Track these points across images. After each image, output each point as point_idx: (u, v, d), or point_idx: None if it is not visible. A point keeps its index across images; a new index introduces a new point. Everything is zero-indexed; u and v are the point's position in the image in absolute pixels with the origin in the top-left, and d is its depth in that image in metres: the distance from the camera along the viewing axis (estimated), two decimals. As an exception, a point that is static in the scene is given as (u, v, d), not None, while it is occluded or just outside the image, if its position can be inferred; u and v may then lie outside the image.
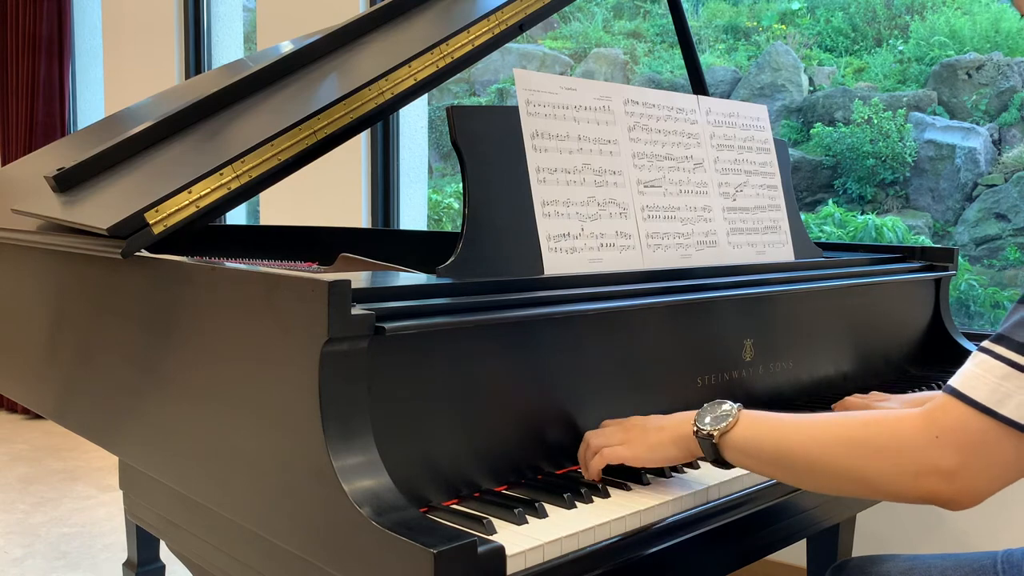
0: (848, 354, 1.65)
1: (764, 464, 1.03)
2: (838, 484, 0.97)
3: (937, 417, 0.90)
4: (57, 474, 3.59)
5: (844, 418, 0.98)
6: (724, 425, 1.05)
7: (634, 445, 1.11)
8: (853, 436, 0.95)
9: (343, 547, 0.90)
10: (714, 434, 1.05)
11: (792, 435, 1.00)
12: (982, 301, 4.51)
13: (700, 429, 1.06)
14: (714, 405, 1.08)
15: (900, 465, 0.90)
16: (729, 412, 1.06)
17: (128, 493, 1.60)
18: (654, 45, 6.45)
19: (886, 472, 0.92)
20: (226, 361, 1.10)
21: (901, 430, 0.91)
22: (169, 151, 1.51)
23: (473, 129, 1.23)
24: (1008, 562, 1.14)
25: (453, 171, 6.46)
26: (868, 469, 0.93)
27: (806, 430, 0.99)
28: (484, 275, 1.16)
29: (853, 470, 0.94)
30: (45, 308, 1.63)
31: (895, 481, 0.91)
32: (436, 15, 1.70)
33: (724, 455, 1.06)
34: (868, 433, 0.94)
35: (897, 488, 0.92)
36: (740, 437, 1.04)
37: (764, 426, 1.04)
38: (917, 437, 0.90)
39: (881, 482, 0.92)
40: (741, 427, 1.04)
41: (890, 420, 0.93)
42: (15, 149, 4.47)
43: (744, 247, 1.55)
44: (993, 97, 5.09)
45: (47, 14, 4.37)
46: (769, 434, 1.02)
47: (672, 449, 1.10)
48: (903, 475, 0.90)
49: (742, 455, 1.04)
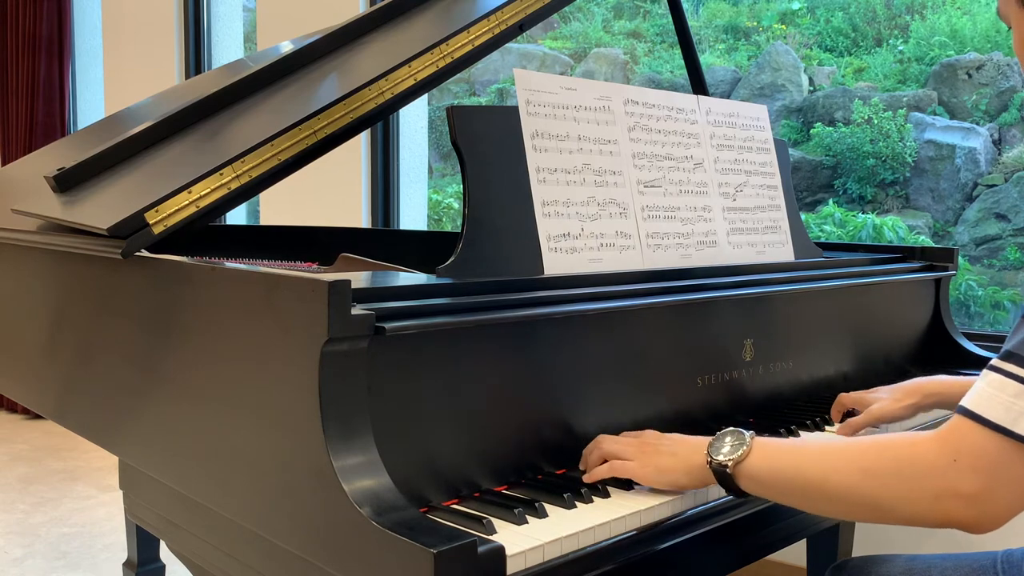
0: (848, 354, 1.65)
1: (780, 494, 1.02)
2: (857, 511, 0.97)
3: (954, 440, 0.88)
4: (57, 474, 3.59)
5: (859, 444, 0.97)
6: (738, 455, 1.03)
7: (645, 465, 1.09)
8: (870, 464, 0.93)
9: (343, 547, 0.90)
10: (728, 464, 1.04)
11: (808, 464, 0.99)
12: (982, 301, 4.51)
13: (713, 459, 1.05)
14: (726, 434, 1.07)
15: (919, 490, 0.89)
16: (742, 442, 1.04)
17: (128, 493, 1.60)
18: (654, 45, 6.45)
19: (905, 498, 0.90)
20: (226, 361, 1.10)
21: (918, 455, 0.90)
22: (169, 151, 1.51)
23: (473, 129, 1.23)
24: (1008, 562, 1.14)
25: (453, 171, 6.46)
26: (886, 496, 0.92)
27: (822, 459, 0.98)
28: (484, 275, 1.16)
29: (872, 498, 0.93)
30: (45, 308, 1.63)
31: (914, 507, 0.90)
32: (436, 15, 1.70)
33: (739, 484, 1.04)
34: (884, 460, 0.92)
35: (917, 513, 0.91)
36: (755, 467, 1.02)
37: (778, 455, 1.02)
38: (935, 461, 0.89)
39: (900, 508, 0.91)
40: (755, 457, 1.03)
41: (905, 445, 0.92)
42: (15, 149, 4.47)
43: (744, 247, 1.55)
44: (993, 97, 5.09)
45: (47, 14, 4.37)
46: (784, 464, 1.01)
47: (683, 477, 1.08)
48: (922, 500, 0.89)
49: (757, 485, 1.03)
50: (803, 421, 1.39)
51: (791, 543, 1.37)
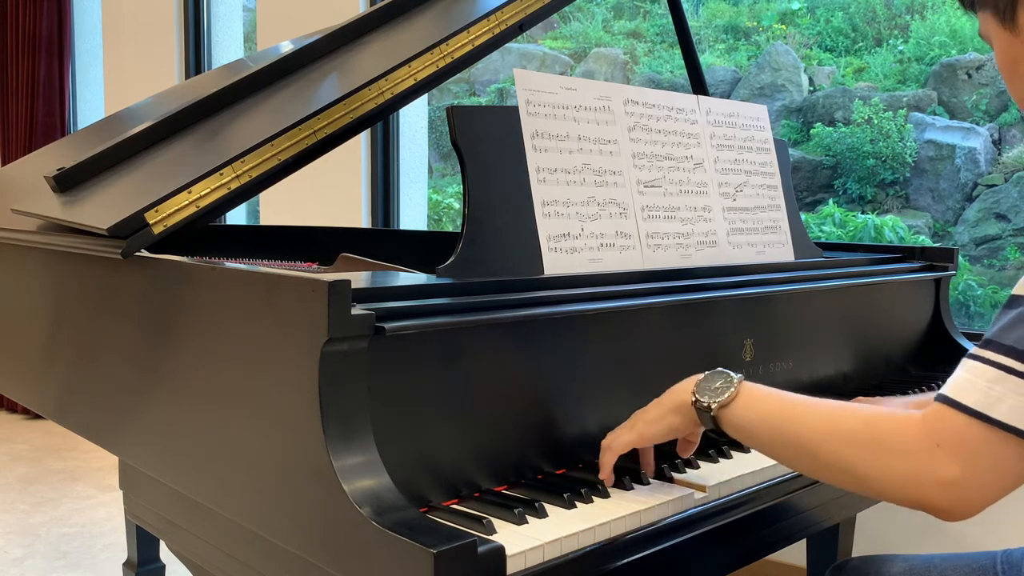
0: (848, 354, 1.65)
1: (761, 444, 1.02)
2: (833, 476, 0.96)
3: (935, 425, 0.88)
4: (57, 474, 3.59)
5: (847, 411, 0.96)
6: (723, 398, 1.03)
7: (635, 425, 1.11)
8: (855, 432, 0.93)
9: (343, 547, 0.90)
10: (712, 406, 1.04)
11: (792, 421, 0.98)
12: (982, 301, 4.51)
13: (699, 400, 1.05)
14: (715, 375, 1.07)
15: (900, 469, 0.89)
16: (729, 385, 1.04)
17: (128, 493, 1.60)
18: (654, 45, 6.45)
19: (885, 473, 0.91)
20: (226, 361, 1.10)
21: (903, 434, 0.90)
22: (169, 151, 1.51)
23: (473, 129, 1.23)
24: (1008, 562, 1.14)
25: (453, 171, 6.46)
26: (867, 467, 0.92)
27: (807, 417, 0.98)
28: (484, 275, 1.16)
29: (851, 466, 0.93)
30: (45, 308, 1.63)
31: (893, 484, 0.90)
32: (436, 15, 1.70)
33: (722, 427, 1.05)
34: (870, 432, 0.92)
35: (893, 491, 0.91)
36: (739, 414, 1.03)
37: (764, 406, 1.02)
38: (919, 443, 0.89)
39: (878, 482, 0.91)
40: (741, 403, 1.03)
41: (893, 421, 0.92)
42: (15, 149, 4.47)
43: (744, 247, 1.55)
44: (993, 97, 5.09)
45: (47, 14, 4.37)
46: (769, 415, 1.01)
47: (673, 417, 1.09)
48: (902, 479, 0.89)
49: (739, 432, 1.03)
50: (803, 421, 1.38)
51: (791, 543, 1.36)
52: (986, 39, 1.01)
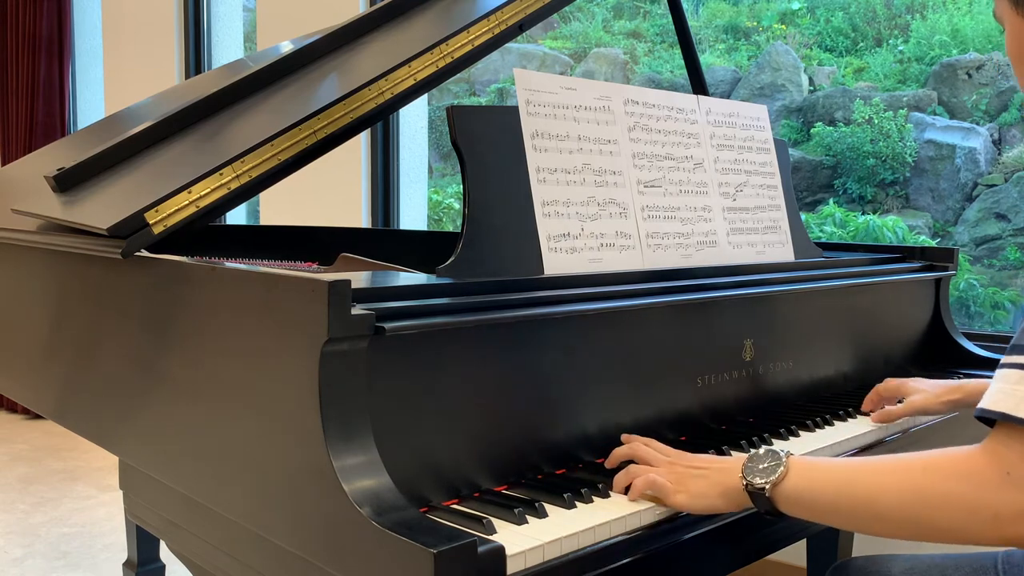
0: (848, 354, 1.65)
1: (823, 514, 0.99)
2: (911, 533, 0.92)
3: (1001, 451, 0.84)
4: (57, 474, 3.59)
5: (901, 464, 0.93)
6: (775, 477, 1.00)
7: (679, 490, 1.05)
8: (916, 486, 0.89)
9: (343, 547, 0.90)
10: (766, 487, 1.00)
11: (853, 484, 0.95)
12: (982, 301, 4.51)
13: (751, 483, 1.01)
14: (761, 455, 1.03)
15: (975, 512, 0.85)
16: (778, 462, 1.01)
17: (128, 493, 1.60)
18: (654, 45, 6.45)
19: (961, 521, 0.86)
20: (226, 361, 1.10)
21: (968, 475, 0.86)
22: (169, 151, 1.51)
23: (473, 129, 1.23)
24: (1008, 562, 1.14)
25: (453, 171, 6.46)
26: (941, 521, 0.88)
27: (868, 477, 0.94)
28: (484, 275, 1.16)
29: (924, 521, 0.89)
30: (45, 308, 1.63)
31: (973, 530, 0.86)
32: (436, 15, 1.70)
33: (778, 507, 1.01)
34: (930, 481, 0.88)
35: (979, 536, 0.86)
36: (795, 488, 0.99)
37: (818, 475, 0.99)
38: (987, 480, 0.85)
39: (959, 532, 0.87)
40: (794, 477, 0.99)
41: (950, 464, 0.88)
42: (15, 149, 4.47)
43: (744, 247, 1.55)
44: (993, 97, 5.09)
45: (47, 14, 4.37)
46: (826, 484, 0.98)
47: (718, 501, 1.04)
48: (982, 523, 0.85)
49: (798, 506, 1.00)
50: (803, 421, 1.39)
51: (791, 543, 1.36)
52: (1000, 21, 1.01)
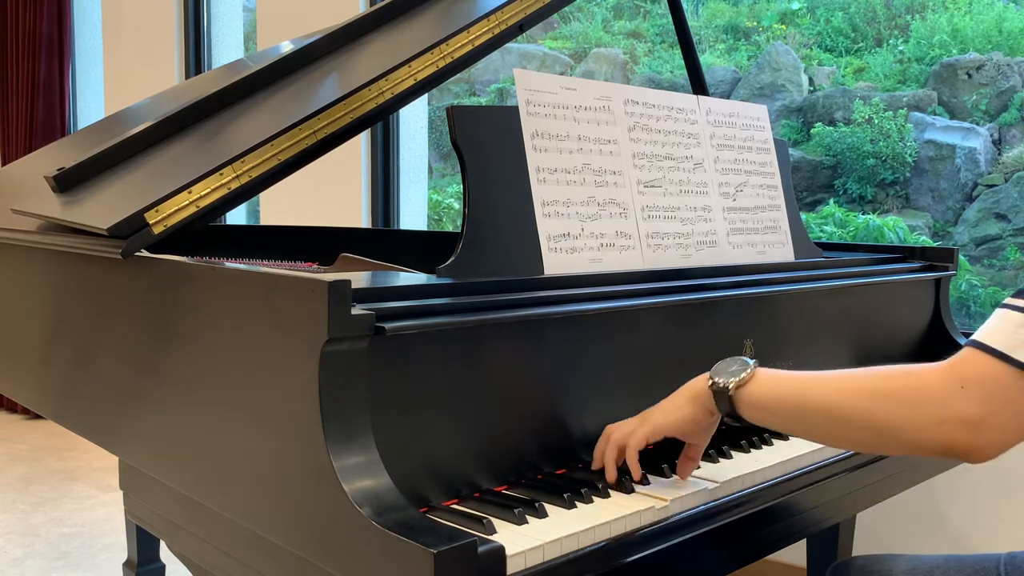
0: (848, 354, 1.65)
1: (781, 417, 1.04)
2: (859, 435, 0.97)
3: (961, 367, 0.91)
4: (57, 474, 3.59)
5: (866, 371, 0.98)
6: (740, 379, 1.05)
7: (650, 418, 1.11)
8: (876, 386, 0.95)
9: (343, 547, 0.90)
10: (729, 386, 1.05)
11: (811, 387, 1.00)
12: (982, 301, 4.51)
13: (715, 383, 1.06)
14: (729, 361, 1.08)
15: (924, 414, 0.91)
16: (745, 367, 1.06)
17: (128, 493, 1.60)
18: (654, 45, 6.44)
19: (909, 421, 0.92)
20: (226, 361, 1.10)
21: (926, 380, 0.92)
22: (169, 151, 1.51)
23: (473, 129, 1.23)
24: (1011, 564, 1.14)
25: (453, 171, 6.45)
26: (891, 418, 0.93)
27: (826, 382, 0.99)
28: (484, 275, 1.16)
29: (875, 419, 0.94)
30: (45, 308, 1.63)
31: (918, 431, 0.92)
32: (436, 15, 1.70)
33: (739, 409, 1.05)
34: (891, 384, 0.94)
35: (919, 437, 0.92)
36: (757, 391, 1.04)
37: (782, 380, 1.04)
38: (942, 387, 0.91)
39: (903, 432, 0.93)
40: (758, 381, 1.04)
41: (915, 371, 0.94)
42: (15, 149, 4.47)
43: (744, 247, 1.55)
44: (993, 97, 5.09)
45: (47, 14, 4.37)
46: (787, 387, 1.02)
47: (688, 407, 1.09)
48: (926, 425, 0.91)
49: (758, 409, 1.04)
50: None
51: (791, 543, 1.36)
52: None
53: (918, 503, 2.27)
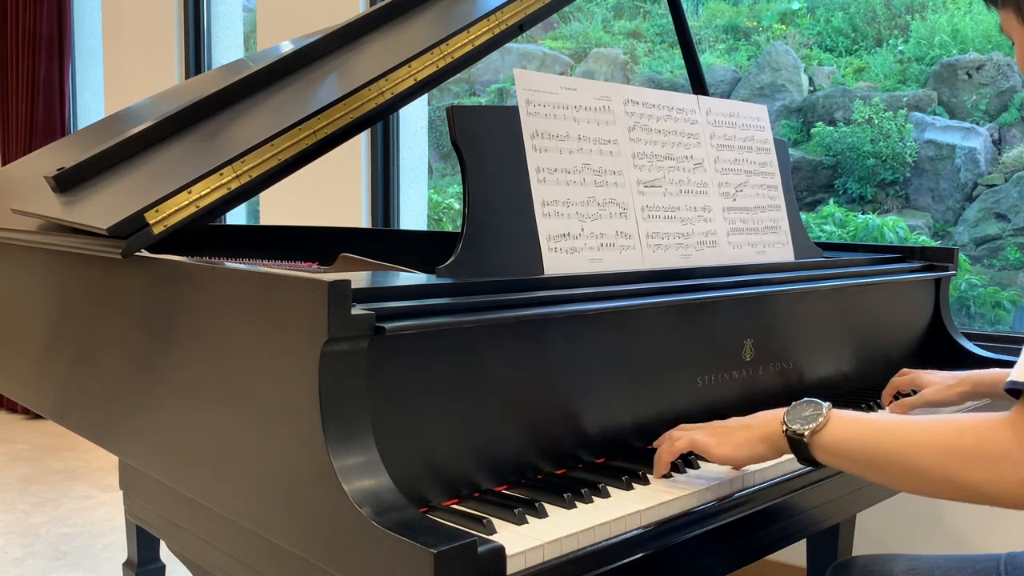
0: (848, 354, 1.65)
1: (856, 465, 1.03)
2: (937, 489, 0.97)
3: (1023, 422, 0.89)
4: (57, 474, 3.59)
5: (939, 422, 0.97)
6: (815, 425, 1.05)
7: (721, 442, 1.12)
8: (948, 444, 0.94)
9: (343, 547, 0.89)
10: (804, 433, 1.05)
11: (887, 438, 0.99)
12: (983, 301, 4.51)
13: (791, 429, 1.07)
14: (803, 404, 1.08)
15: (1002, 474, 0.90)
16: (819, 412, 1.06)
17: (128, 493, 1.60)
18: (654, 45, 6.44)
19: (988, 481, 0.91)
20: (226, 361, 1.10)
21: (996, 439, 0.90)
22: (169, 151, 1.51)
23: (473, 129, 1.23)
24: (1011, 564, 1.14)
25: (453, 171, 6.45)
26: (969, 478, 0.92)
27: (900, 433, 0.98)
28: (484, 275, 1.16)
29: (953, 478, 0.93)
30: (45, 308, 1.63)
31: (999, 490, 0.90)
32: (436, 15, 1.70)
33: (814, 455, 1.06)
34: (963, 442, 0.93)
35: (1005, 495, 0.91)
36: (831, 438, 1.04)
37: (856, 427, 1.03)
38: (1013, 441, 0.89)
39: (984, 490, 0.92)
40: (832, 428, 1.04)
41: (983, 427, 0.92)
42: (15, 149, 4.47)
43: (744, 247, 1.55)
44: (993, 97, 5.08)
45: (47, 14, 4.37)
46: (862, 436, 1.02)
47: (760, 446, 1.11)
48: (1006, 484, 0.90)
49: (833, 456, 1.04)
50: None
51: (791, 543, 1.36)
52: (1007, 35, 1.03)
53: (918, 503, 2.27)
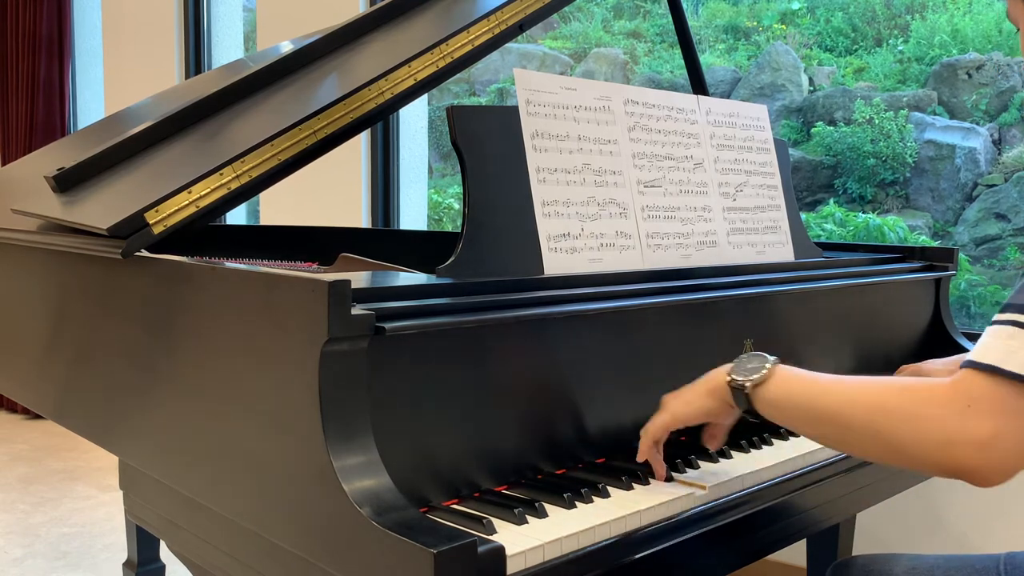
0: (848, 354, 1.65)
1: (795, 420, 1.04)
2: (868, 447, 0.97)
3: (964, 387, 0.90)
4: (57, 474, 3.59)
5: (878, 383, 0.98)
6: (757, 377, 1.05)
7: (670, 406, 1.13)
8: (887, 401, 0.94)
9: (343, 547, 0.90)
10: (747, 385, 1.06)
11: (826, 394, 1.00)
12: (983, 301, 4.51)
13: (734, 379, 1.07)
14: (750, 357, 1.09)
15: (932, 432, 0.90)
16: (763, 365, 1.06)
17: (128, 493, 1.60)
18: (654, 45, 6.44)
19: (918, 439, 0.91)
20: (226, 361, 1.10)
21: (934, 399, 0.91)
22: (169, 151, 1.51)
23: (473, 129, 1.23)
24: (1011, 564, 1.14)
25: (453, 171, 6.45)
26: (900, 434, 0.93)
27: (840, 391, 0.99)
28: (484, 275, 1.16)
29: (884, 434, 0.94)
30: (45, 308, 1.63)
31: (927, 449, 0.91)
32: (436, 15, 1.70)
33: (755, 407, 1.06)
34: (902, 400, 0.93)
35: (928, 456, 0.91)
36: (773, 391, 1.04)
37: (798, 382, 1.04)
38: (949, 406, 0.90)
39: (912, 448, 0.92)
40: (775, 381, 1.05)
41: (924, 388, 0.93)
42: (15, 149, 4.47)
43: (744, 247, 1.55)
44: (993, 97, 5.08)
45: (47, 14, 4.37)
46: (802, 391, 1.03)
47: (707, 399, 1.11)
48: (934, 443, 0.90)
49: (773, 409, 1.05)
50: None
51: (791, 543, 1.36)
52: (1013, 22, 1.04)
53: (918, 503, 2.27)
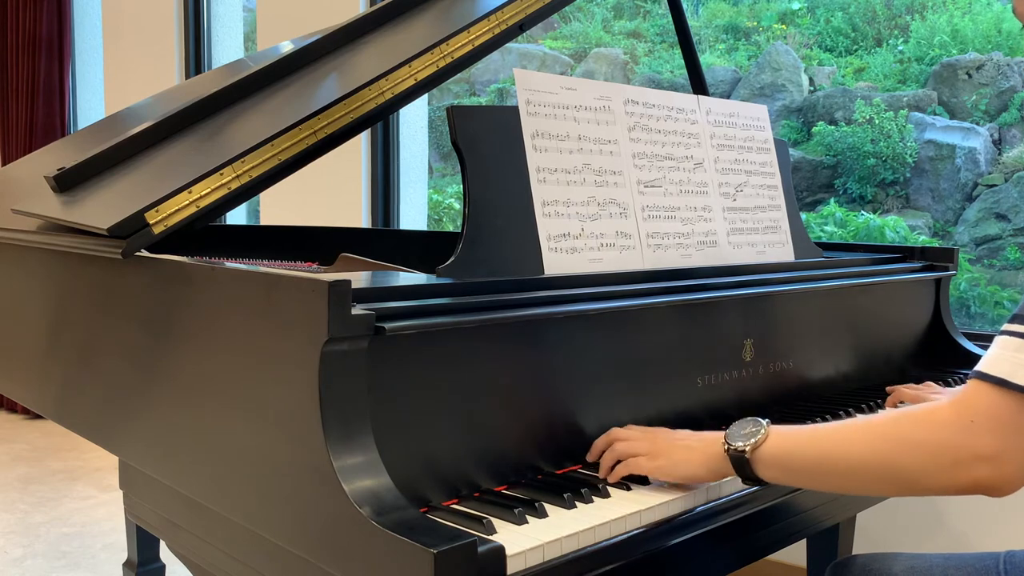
0: (848, 354, 1.65)
1: (799, 474, 1.03)
2: (879, 485, 0.96)
3: (969, 403, 0.89)
4: (57, 474, 3.59)
5: (875, 418, 0.98)
6: (755, 441, 1.04)
7: (658, 459, 1.10)
8: (886, 432, 0.94)
9: (343, 547, 0.89)
10: (746, 450, 1.04)
11: (826, 441, 0.99)
12: (983, 301, 4.51)
13: (731, 446, 1.06)
14: (742, 423, 1.08)
15: (938, 456, 0.89)
16: (759, 428, 1.05)
17: (128, 493, 1.60)
18: (654, 45, 6.44)
19: (925, 466, 0.90)
20: (226, 361, 1.10)
21: (934, 421, 0.90)
22: (169, 151, 1.51)
23: (473, 129, 1.23)
24: (1010, 562, 1.14)
25: (453, 171, 6.45)
26: (906, 464, 0.91)
27: (840, 435, 0.99)
28: (484, 275, 1.16)
29: (892, 467, 0.93)
30: (45, 308, 1.63)
31: (935, 474, 0.90)
32: (436, 15, 1.70)
33: (756, 470, 1.05)
34: (900, 428, 0.93)
35: (938, 481, 0.90)
36: (773, 450, 1.03)
37: (795, 435, 1.03)
38: (951, 426, 0.89)
39: (921, 477, 0.91)
40: (773, 440, 1.04)
41: (921, 413, 0.92)
42: (15, 149, 4.47)
43: (744, 247, 1.55)
44: (993, 97, 5.08)
45: (47, 14, 4.37)
46: (802, 443, 1.02)
47: (699, 468, 1.09)
48: (942, 467, 0.89)
49: (776, 467, 1.04)
50: (803, 421, 1.38)
51: (791, 543, 1.36)
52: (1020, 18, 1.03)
53: (918, 503, 2.27)
